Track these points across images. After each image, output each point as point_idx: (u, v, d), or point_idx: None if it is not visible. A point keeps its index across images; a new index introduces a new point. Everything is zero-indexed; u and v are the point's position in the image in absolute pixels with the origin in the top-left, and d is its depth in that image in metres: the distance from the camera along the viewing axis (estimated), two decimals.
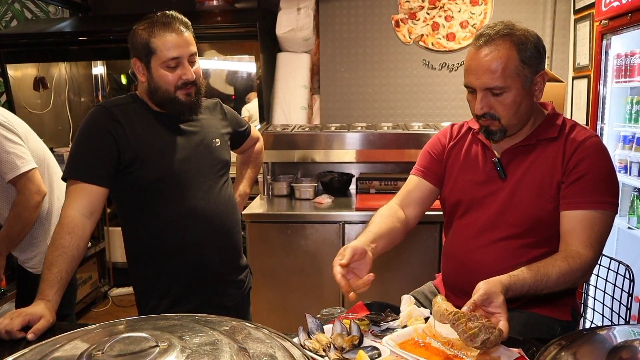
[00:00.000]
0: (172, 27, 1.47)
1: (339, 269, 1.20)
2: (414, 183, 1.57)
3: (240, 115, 2.08)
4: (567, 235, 1.29)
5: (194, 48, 1.52)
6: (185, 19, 1.52)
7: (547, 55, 3.29)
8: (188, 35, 1.50)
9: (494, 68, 1.27)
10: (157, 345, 0.83)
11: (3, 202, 2.00)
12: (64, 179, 1.48)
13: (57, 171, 2.15)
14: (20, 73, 3.73)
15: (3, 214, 2.02)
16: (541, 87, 1.35)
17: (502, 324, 1.04)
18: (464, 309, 1.07)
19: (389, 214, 1.48)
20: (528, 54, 1.29)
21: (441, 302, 1.13)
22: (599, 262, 1.91)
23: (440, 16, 3.41)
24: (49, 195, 2.05)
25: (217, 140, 1.64)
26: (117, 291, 3.92)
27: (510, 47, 1.28)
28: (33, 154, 1.99)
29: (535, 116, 1.41)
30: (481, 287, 1.10)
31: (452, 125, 1.60)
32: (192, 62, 1.52)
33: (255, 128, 2.00)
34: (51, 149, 3.75)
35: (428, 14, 3.42)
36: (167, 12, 1.50)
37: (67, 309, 2.17)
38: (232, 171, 1.95)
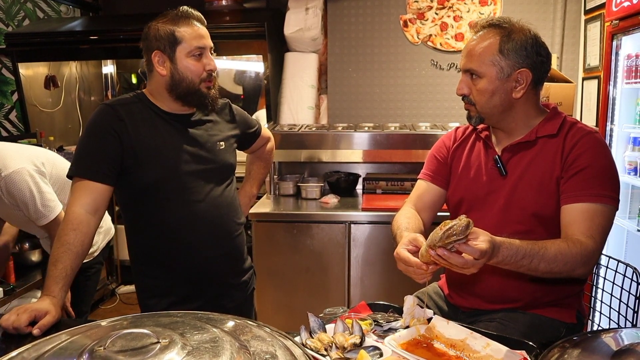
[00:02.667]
0: (193, 19, 1.53)
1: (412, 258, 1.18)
2: (423, 187, 1.58)
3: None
4: (568, 227, 1.29)
5: (211, 42, 1.57)
6: (202, 16, 1.57)
7: (557, 56, 3.26)
8: (206, 30, 1.56)
9: (473, 52, 1.35)
10: (158, 342, 0.84)
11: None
12: (69, 176, 1.49)
13: None
14: (32, 72, 3.78)
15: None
16: (523, 86, 1.34)
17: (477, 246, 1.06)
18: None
19: (413, 215, 1.49)
20: (510, 47, 1.32)
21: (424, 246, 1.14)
22: (606, 265, 1.89)
23: (448, 16, 3.40)
24: None
25: (222, 143, 1.63)
26: (124, 289, 3.95)
27: (494, 37, 1.33)
28: (58, 181, 2.04)
29: (533, 114, 1.41)
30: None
31: (457, 128, 1.61)
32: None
33: (266, 128, 1.99)
34: (61, 147, 3.82)
35: (436, 14, 3.41)
36: (185, 7, 1.55)
37: (83, 306, 2.20)
38: (241, 170, 1.95)
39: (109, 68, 4.44)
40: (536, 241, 1.20)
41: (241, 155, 1.91)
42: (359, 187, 3.15)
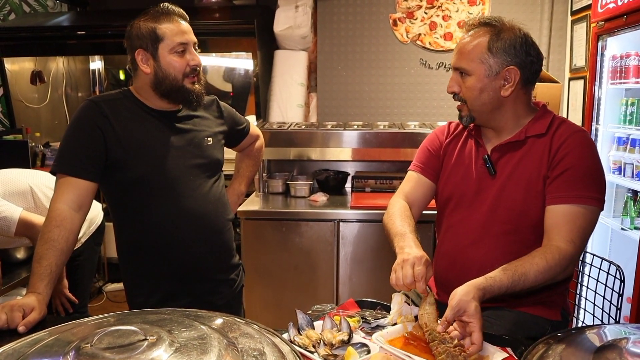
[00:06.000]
0: (175, 15, 1.52)
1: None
2: (414, 180, 1.57)
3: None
4: (550, 230, 1.30)
5: (195, 37, 1.56)
6: (183, 12, 1.56)
7: (544, 56, 3.29)
8: (189, 25, 1.55)
9: (464, 50, 1.37)
10: (145, 339, 0.84)
11: None
12: (52, 172, 1.48)
13: (50, 183, 2.18)
14: (18, 67, 3.73)
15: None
16: (511, 84, 1.35)
17: (475, 336, 1.06)
18: (439, 328, 1.10)
19: (411, 214, 1.48)
20: (498, 45, 1.33)
21: (423, 314, 1.15)
22: (591, 263, 1.92)
23: (437, 16, 3.42)
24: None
25: (209, 139, 1.63)
26: (111, 286, 3.92)
27: (483, 35, 1.35)
28: (17, 194, 2.07)
29: (523, 113, 1.42)
30: (454, 298, 1.11)
31: (450, 123, 1.61)
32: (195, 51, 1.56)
33: (255, 126, 1.99)
34: (47, 144, 3.78)
35: (426, 13, 3.42)
36: (166, 4, 1.54)
37: (79, 294, 2.21)
38: (230, 168, 1.95)
39: (96, 64, 4.40)
40: (516, 267, 1.20)
41: (230, 153, 1.91)
42: (347, 186, 3.16)
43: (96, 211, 2.36)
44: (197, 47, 1.56)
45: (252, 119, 3.52)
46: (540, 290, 1.35)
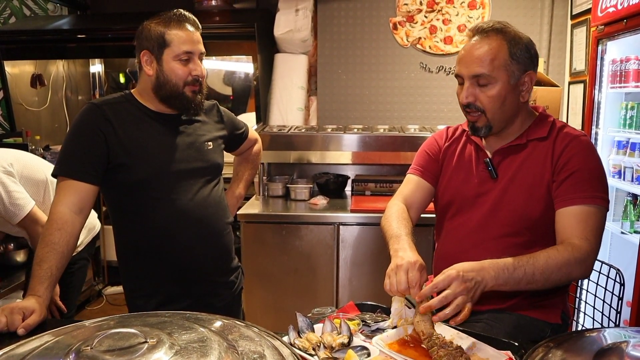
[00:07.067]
0: (187, 23, 1.52)
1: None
2: (413, 183, 1.57)
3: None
4: (562, 231, 1.30)
5: (203, 48, 1.56)
6: (197, 21, 1.56)
7: (544, 60, 3.31)
8: (199, 35, 1.55)
9: (484, 57, 1.32)
10: (145, 342, 0.84)
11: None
12: (54, 175, 1.48)
13: None
14: (18, 70, 3.74)
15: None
16: (529, 88, 1.37)
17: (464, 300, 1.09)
18: (433, 299, 1.12)
19: (408, 217, 1.48)
20: (518, 51, 1.33)
21: (419, 322, 1.14)
22: None
23: (438, 19, 3.43)
24: None
25: (210, 143, 1.64)
26: (111, 290, 3.91)
27: (502, 41, 1.33)
28: (30, 180, 2.05)
29: (526, 117, 1.43)
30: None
31: (448, 128, 1.62)
32: (200, 62, 1.56)
33: (254, 130, 1.99)
34: (47, 147, 3.78)
35: (426, 17, 3.43)
36: (180, 10, 1.55)
37: (69, 303, 2.19)
38: (229, 171, 1.95)
39: (96, 67, 4.41)
40: (524, 255, 1.21)
41: (229, 157, 1.91)
42: (347, 189, 3.16)
43: (94, 219, 2.35)
44: (202, 59, 1.56)
45: (251, 121, 3.53)
46: (541, 292, 1.35)
